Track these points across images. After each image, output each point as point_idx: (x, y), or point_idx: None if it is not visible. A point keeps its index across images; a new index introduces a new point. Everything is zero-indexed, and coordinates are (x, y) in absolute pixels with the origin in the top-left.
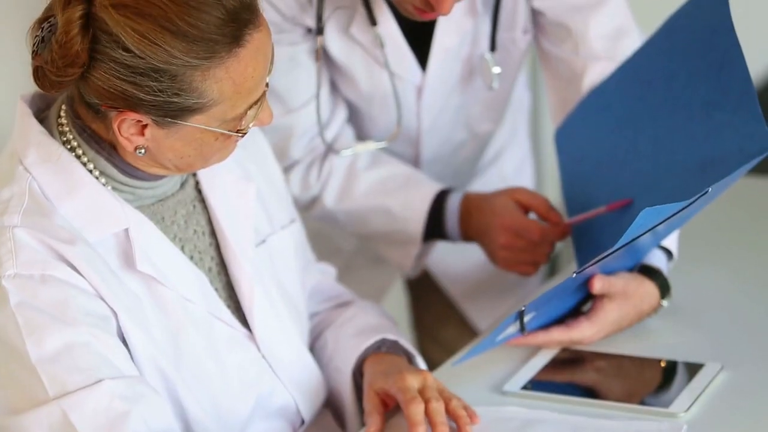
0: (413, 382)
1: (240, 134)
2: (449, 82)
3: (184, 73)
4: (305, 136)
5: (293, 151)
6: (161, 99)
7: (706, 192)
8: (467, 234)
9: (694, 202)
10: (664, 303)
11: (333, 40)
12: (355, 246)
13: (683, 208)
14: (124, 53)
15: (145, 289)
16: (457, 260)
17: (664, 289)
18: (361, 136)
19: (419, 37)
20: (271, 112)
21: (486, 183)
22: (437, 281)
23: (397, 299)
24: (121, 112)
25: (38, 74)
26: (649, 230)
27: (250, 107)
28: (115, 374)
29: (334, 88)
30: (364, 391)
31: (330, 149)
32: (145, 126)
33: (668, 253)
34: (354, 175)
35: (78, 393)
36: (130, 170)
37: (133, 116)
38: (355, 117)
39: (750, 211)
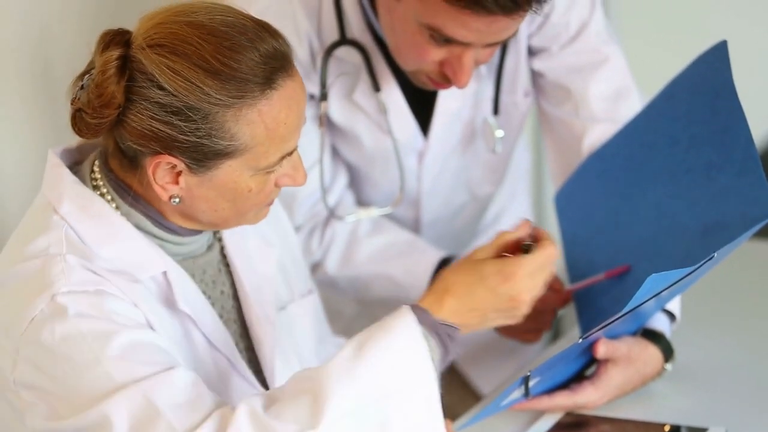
0: None
1: (276, 186)
2: (450, 145)
3: (217, 112)
4: (307, 202)
5: (296, 217)
6: (194, 140)
7: (712, 257)
8: None
9: (699, 267)
10: (668, 367)
11: (336, 105)
12: (355, 310)
13: (689, 274)
14: (158, 92)
15: (180, 331)
16: None
17: (668, 352)
18: (362, 200)
19: (421, 100)
20: (305, 173)
21: None
22: None
23: None
24: (155, 156)
25: (76, 119)
26: (654, 296)
27: (283, 157)
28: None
29: (334, 152)
30: None
31: (332, 214)
32: (179, 173)
33: (671, 315)
34: (356, 241)
35: (154, 377)
36: (164, 222)
37: (168, 159)
38: (355, 181)
39: (753, 274)
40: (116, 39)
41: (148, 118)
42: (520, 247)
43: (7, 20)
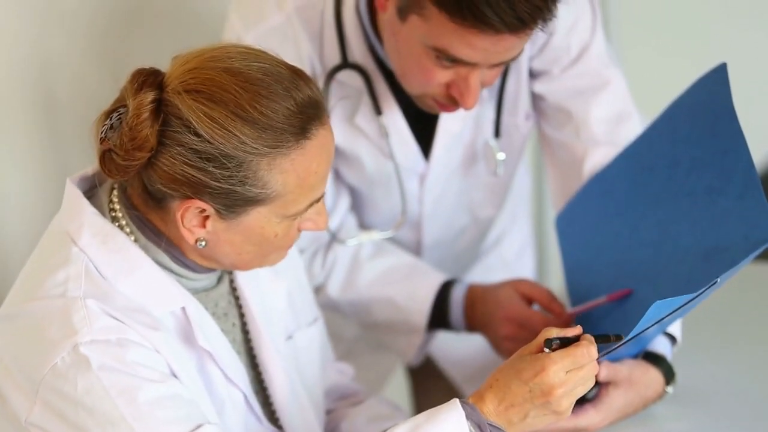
0: None
1: (298, 230)
2: (451, 168)
3: (251, 161)
4: None
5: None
6: (226, 187)
7: (715, 282)
8: (471, 325)
9: (702, 293)
10: (669, 389)
11: (337, 129)
12: (356, 333)
13: (692, 299)
14: (193, 138)
15: (197, 367)
16: (459, 345)
17: (669, 375)
18: (364, 223)
19: (422, 123)
20: (327, 218)
21: (487, 268)
22: (439, 366)
23: (398, 386)
24: (184, 200)
25: (104, 159)
26: (657, 321)
27: (311, 205)
28: (207, 421)
29: (336, 176)
30: None
31: (334, 238)
32: (206, 217)
33: (672, 338)
34: (358, 265)
35: None
36: (182, 258)
37: (197, 204)
38: (357, 204)
39: (755, 296)
40: (149, 80)
41: (180, 163)
42: (543, 344)
43: (11, 49)
